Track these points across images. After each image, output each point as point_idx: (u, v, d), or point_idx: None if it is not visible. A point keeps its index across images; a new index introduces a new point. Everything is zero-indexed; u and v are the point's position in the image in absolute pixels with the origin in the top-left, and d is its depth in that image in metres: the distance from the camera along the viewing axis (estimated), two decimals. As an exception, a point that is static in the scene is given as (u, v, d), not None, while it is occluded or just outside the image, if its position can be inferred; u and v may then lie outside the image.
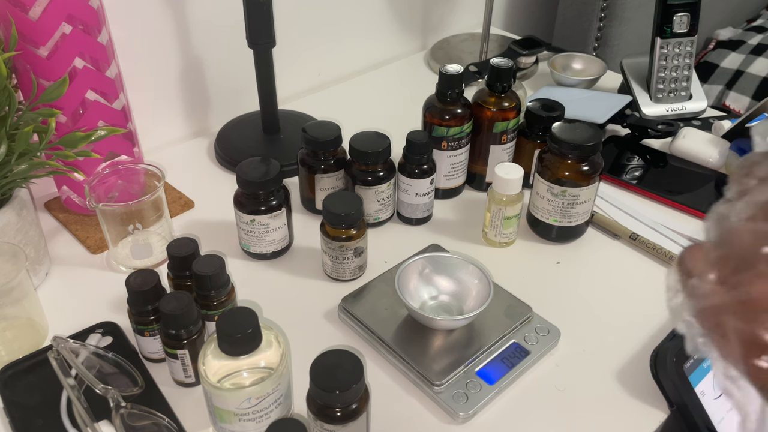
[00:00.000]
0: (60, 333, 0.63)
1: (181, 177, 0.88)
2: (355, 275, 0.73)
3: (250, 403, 0.52)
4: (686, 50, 0.96)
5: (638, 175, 0.89)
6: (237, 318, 0.52)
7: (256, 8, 0.81)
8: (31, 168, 0.66)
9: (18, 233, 0.67)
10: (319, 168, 0.79)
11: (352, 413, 0.52)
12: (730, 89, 1.47)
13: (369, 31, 1.16)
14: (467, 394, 0.60)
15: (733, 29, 1.62)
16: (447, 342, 0.64)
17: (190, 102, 0.97)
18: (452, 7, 1.26)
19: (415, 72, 1.17)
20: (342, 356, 0.52)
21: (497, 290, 0.66)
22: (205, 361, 0.52)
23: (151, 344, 0.63)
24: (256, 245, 0.74)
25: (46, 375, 0.60)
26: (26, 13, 0.65)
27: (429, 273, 0.67)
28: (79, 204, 0.79)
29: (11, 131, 0.64)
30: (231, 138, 0.95)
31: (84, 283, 0.73)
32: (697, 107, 0.98)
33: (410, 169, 0.78)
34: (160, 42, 0.90)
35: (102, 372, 0.60)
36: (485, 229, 0.79)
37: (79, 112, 0.72)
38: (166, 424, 0.57)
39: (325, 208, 0.69)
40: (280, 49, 0.88)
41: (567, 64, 1.13)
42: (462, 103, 0.81)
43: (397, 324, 0.66)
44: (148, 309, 0.61)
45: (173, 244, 0.65)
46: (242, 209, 0.72)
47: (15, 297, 0.63)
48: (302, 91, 1.09)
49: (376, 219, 0.80)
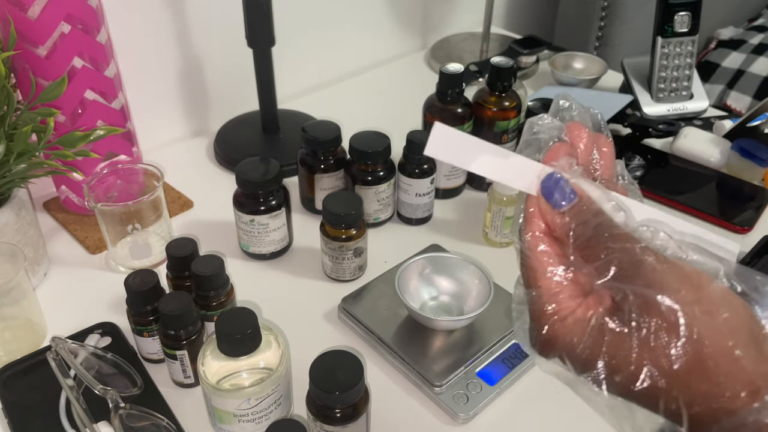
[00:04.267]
0: (59, 333, 0.63)
1: (180, 177, 0.88)
2: (355, 275, 0.73)
3: (249, 404, 0.52)
4: (687, 50, 0.95)
5: (639, 174, 0.89)
6: (236, 318, 0.52)
7: (256, 7, 0.81)
8: (30, 168, 0.66)
9: (17, 233, 0.67)
10: (319, 168, 0.79)
11: (352, 414, 0.51)
12: (732, 89, 1.47)
13: (369, 30, 1.15)
14: (468, 394, 0.60)
15: (734, 28, 1.62)
16: (447, 343, 0.64)
17: (190, 101, 0.97)
18: (452, 7, 1.26)
19: (416, 71, 1.17)
20: (342, 357, 0.52)
21: (498, 290, 0.66)
22: (205, 361, 0.52)
23: (150, 345, 0.62)
24: (256, 245, 0.74)
25: (44, 376, 0.60)
26: (25, 13, 0.65)
27: (429, 273, 0.67)
28: (78, 204, 0.79)
29: (10, 131, 0.64)
30: (230, 138, 0.95)
31: (83, 283, 0.73)
32: (699, 107, 0.98)
33: (410, 169, 0.78)
34: (159, 41, 0.90)
35: (101, 372, 0.60)
36: (486, 229, 0.78)
37: (77, 111, 0.72)
38: (165, 425, 0.56)
39: (325, 208, 0.69)
40: (280, 49, 0.88)
41: (568, 63, 1.12)
42: (462, 103, 0.81)
43: (397, 324, 0.65)
44: (147, 309, 0.60)
45: (172, 244, 0.64)
46: (242, 209, 0.72)
47: (13, 297, 0.63)
48: (302, 90, 1.09)
49: (376, 219, 0.80)
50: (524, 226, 0.36)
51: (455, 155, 0.36)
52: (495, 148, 0.36)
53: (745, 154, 0.87)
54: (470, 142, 0.36)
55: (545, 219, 0.36)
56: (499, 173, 0.36)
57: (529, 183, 0.36)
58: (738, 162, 0.88)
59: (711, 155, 0.89)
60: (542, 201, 0.36)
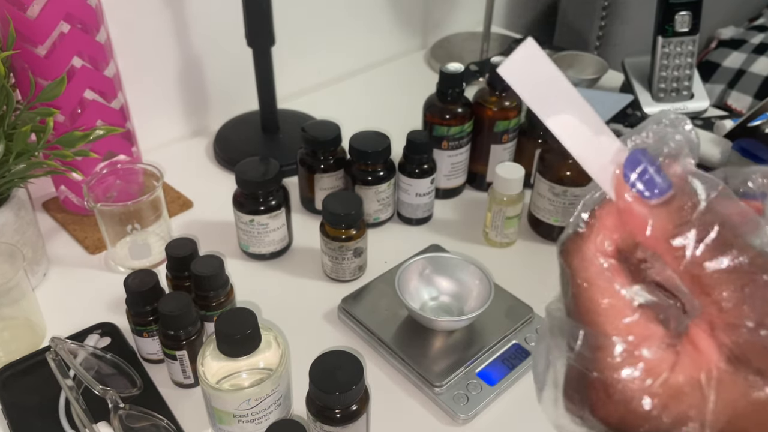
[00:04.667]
0: (58, 334, 0.62)
1: (179, 177, 0.88)
2: (354, 276, 0.73)
3: (249, 405, 0.51)
4: (688, 49, 0.95)
5: (640, 174, 0.89)
6: (236, 319, 0.51)
7: (256, 7, 0.81)
8: (29, 168, 0.65)
9: (16, 233, 0.67)
10: (319, 168, 0.78)
11: (352, 414, 0.51)
12: (732, 88, 1.47)
13: (369, 29, 1.15)
14: (468, 395, 0.60)
15: (735, 28, 1.61)
16: (447, 343, 0.64)
17: (189, 101, 0.97)
18: (453, 6, 1.26)
19: (416, 71, 1.17)
20: (342, 357, 0.52)
21: (498, 291, 0.66)
22: (204, 362, 0.52)
23: (149, 345, 0.62)
24: (256, 245, 0.74)
25: (44, 376, 0.60)
26: (24, 12, 0.65)
27: (429, 273, 0.67)
28: (78, 204, 0.79)
29: (9, 131, 0.64)
30: (230, 137, 0.95)
31: (82, 283, 0.73)
32: (699, 106, 0.98)
33: (410, 168, 0.78)
34: (159, 41, 0.90)
35: (100, 373, 0.59)
36: (486, 230, 0.78)
37: (77, 111, 0.72)
38: (165, 426, 0.56)
39: (325, 208, 0.69)
40: (280, 48, 0.88)
41: (568, 63, 1.12)
42: (462, 103, 0.80)
43: (397, 325, 0.65)
44: (147, 310, 0.60)
45: (172, 244, 0.64)
46: (241, 209, 0.71)
47: (13, 297, 0.62)
48: (302, 90, 1.09)
49: (376, 219, 0.80)
50: (587, 236, 0.26)
51: (534, 92, 0.27)
52: (589, 112, 0.28)
53: (746, 154, 0.86)
54: (562, 86, 0.27)
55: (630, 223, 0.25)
56: (577, 145, 0.28)
57: (611, 175, 0.27)
58: (739, 162, 0.87)
59: (712, 155, 0.89)
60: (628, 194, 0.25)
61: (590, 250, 0.26)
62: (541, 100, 0.27)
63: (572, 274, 0.26)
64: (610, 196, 0.26)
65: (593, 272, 0.25)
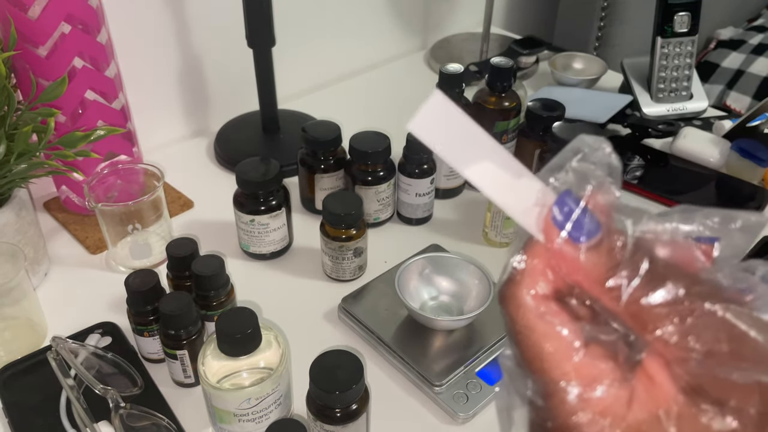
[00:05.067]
0: (59, 333, 0.63)
1: (180, 177, 0.88)
2: (355, 275, 0.73)
3: (249, 404, 0.52)
4: (687, 50, 0.96)
5: (639, 175, 0.89)
6: (236, 318, 0.52)
7: (256, 7, 0.81)
8: (30, 168, 0.66)
9: (17, 233, 0.67)
10: (319, 168, 0.79)
11: (352, 414, 0.52)
12: (731, 89, 1.47)
13: (369, 30, 1.15)
14: (467, 394, 0.60)
15: (734, 29, 1.62)
16: (447, 342, 0.64)
17: (190, 101, 0.97)
18: (452, 7, 1.26)
19: (415, 71, 1.17)
20: (342, 357, 0.52)
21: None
22: (205, 361, 0.52)
23: (150, 344, 0.62)
24: (256, 245, 0.74)
25: (45, 375, 0.60)
26: (25, 13, 0.65)
27: (429, 273, 0.67)
28: (78, 204, 0.79)
29: (10, 131, 0.64)
30: (230, 138, 0.95)
31: (83, 283, 0.73)
32: (698, 107, 0.98)
33: (410, 169, 0.78)
34: (160, 41, 0.90)
35: (101, 372, 0.60)
36: (486, 229, 0.78)
37: (78, 111, 0.72)
38: (166, 425, 0.56)
39: (325, 208, 0.69)
40: (280, 49, 0.88)
41: (567, 63, 1.12)
42: (462, 103, 0.81)
43: (397, 324, 0.66)
44: (148, 309, 0.60)
45: (172, 244, 0.64)
46: (242, 209, 0.72)
47: (14, 297, 0.63)
48: (302, 90, 1.09)
49: (376, 219, 0.80)
50: (520, 281, 0.25)
51: (447, 144, 0.27)
52: (505, 157, 0.27)
53: (745, 154, 0.87)
54: (474, 135, 0.27)
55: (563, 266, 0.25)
56: (498, 192, 0.27)
57: (537, 218, 0.26)
58: (737, 162, 0.88)
59: (711, 155, 0.89)
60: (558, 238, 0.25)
61: (526, 296, 0.25)
62: (455, 152, 0.26)
63: (511, 322, 0.25)
64: (537, 239, 0.26)
65: (532, 318, 0.25)
